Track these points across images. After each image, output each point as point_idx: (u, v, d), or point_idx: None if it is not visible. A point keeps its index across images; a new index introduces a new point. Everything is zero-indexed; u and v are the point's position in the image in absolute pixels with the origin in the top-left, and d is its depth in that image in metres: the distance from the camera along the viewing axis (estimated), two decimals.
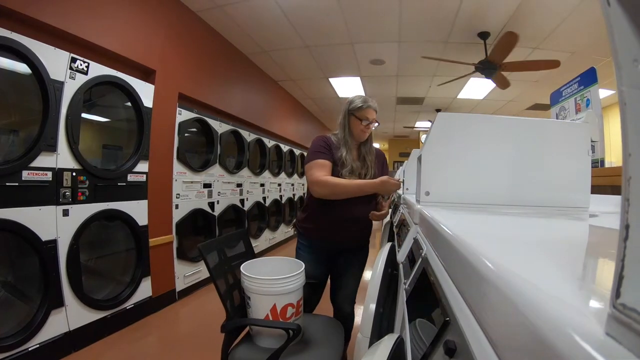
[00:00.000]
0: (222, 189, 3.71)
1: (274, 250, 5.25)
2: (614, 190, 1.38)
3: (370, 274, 1.23)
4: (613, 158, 3.23)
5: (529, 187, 1.06)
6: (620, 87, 0.19)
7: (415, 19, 3.36)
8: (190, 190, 3.21)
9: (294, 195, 6.20)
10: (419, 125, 8.69)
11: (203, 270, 3.31)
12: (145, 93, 2.59)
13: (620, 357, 0.17)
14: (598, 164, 2.01)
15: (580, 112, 2.36)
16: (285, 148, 5.75)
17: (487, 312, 0.33)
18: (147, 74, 2.75)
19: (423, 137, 7.53)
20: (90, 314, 2.15)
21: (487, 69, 3.79)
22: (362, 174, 1.66)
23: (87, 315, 2.13)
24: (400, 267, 1.03)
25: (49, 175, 1.92)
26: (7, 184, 1.72)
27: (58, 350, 1.95)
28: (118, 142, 2.62)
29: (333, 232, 1.64)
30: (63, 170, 1.99)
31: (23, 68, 1.80)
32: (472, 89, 5.44)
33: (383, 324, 1.14)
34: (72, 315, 2.03)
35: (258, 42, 4.00)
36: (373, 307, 1.09)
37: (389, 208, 1.92)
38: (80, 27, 2.15)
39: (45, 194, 1.91)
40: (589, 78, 2.32)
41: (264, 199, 4.86)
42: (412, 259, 0.88)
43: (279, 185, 5.48)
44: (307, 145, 6.97)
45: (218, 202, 3.63)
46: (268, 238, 5.06)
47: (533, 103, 6.04)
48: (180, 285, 3.08)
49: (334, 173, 1.59)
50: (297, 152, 6.30)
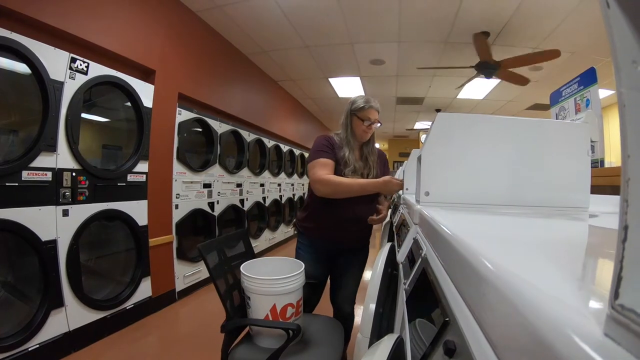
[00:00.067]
0: (221, 189, 3.71)
1: (274, 250, 5.25)
2: (614, 191, 1.38)
3: (370, 274, 1.23)
4: (613, 158, 3.22)
5: (529, 187, 1.06)
6: (620, 88, 0.19)
7: (415, 19, 3.36)
8: (190, 191, 3.21)
9: (294, 195, 6.20)
10: (419, 126, 8.69)
11: (203, 270, 3.31)
12: (145, 93, 2.59)
13: (619, 357, 0.17)
14: (598, 164, 2.01)
15: (580, 112, 2.36)
16: (285, 148, 5.75)
17: (486, 312, 0.33)
18: (147, 74, 2.75)
19: (423, 137, 7.54)
20: (90, 314, 2.15)
21: (487, 69, 3.79)
22: (364, 174, 1.66)
23: (87, 316, 2.13)
24: (400, 267, 1.03)
25: (49, 176, 1.92)
26: (7, 184, 1.72)
27: (58, 351, 1.95)
28: (118, 142, 2.62)
29: (334, 231, 1.64)
30: (63, 171, 1.99)
31: (23, 68, 1.80)
32: (472, 89, 5.43)
33: (383, 324, 1.14)
34: (72, 316, 2.03)
35: (258, 42, 4.00)
36: (373, 307, 1.09)
37: (389, 208, 1.92)
38: (80, 27, 2.15)
39: (45, 194, 1.91)
40: (589, 78, 2.32)
41: (264, 199, 4.86)
42: (412, 259, 0.88)
43: (279, 185, 5.48)
44: (307, 145, 7.00)
45: (218, 202, 3.63)
46: (268, 238, 5.06)
47: (533, 103, 6.04)
48: (180, 285, 3.08)
49: (337, 172, 1.59)
50: (296, 152, 6.30)
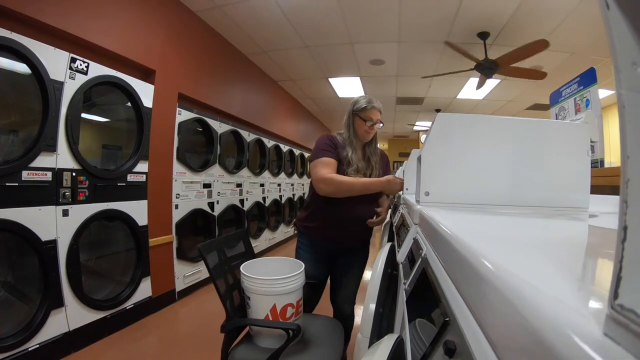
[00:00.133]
0: (221, 189, 3.71)
1: (274, 250, 5.25)
2: (614, 191, 1.38)
3: (370, 274, 1.23)
4: (613, 158, 3.22)
5: (529, 187, 1.06)
6: (619, 90, 0.19)
7: (415, 19, 3.36)
8: (190, 191, 3.21)
9: (294, 195, 6.20)
10: (419, 127, 8.69)
11: (203, 270, 3.31)
12: (145, 93, 2.59)
13: (619, 357, 0.17)
14: (598, 164, 2.01)
15: (580, 112, 2.35)
16: (285, 148, 5.75)
17: (486, 312, 0.33)
18: (146, 74, 2.75)
19: (423, 137, 7.54)
20: (90, 314, 2.15)
21: (486, 69, 3.79)
22: (367, 174, 1.66)
23: (86, 316, 2.13)
24: (400, 267, 1.03)
25: (49, 176, 1.92)
26: (7, 184, 1.72)
27: (58, 351, 1.95)
28: (118, 142, 2.62)
29: (335, 231, 1.64)
30: (63, 171, 1.99)
31: (23, 68, 1.80)
32: (471, 89, 5.43)
33: (383, 324, 1.14)
34: (72, 316, 2.03)
35: (258, 42, 4.00)
36: (373, 307, 1.10)
37: (389, 209, 1.92)
38: (80, 27, 2.15)
39: (45, 194, 1.91)
40: (589, 78, 2.32)
41: (264, 199, 4.86)
42: (411, 259, 0.88)
43: (279, 186, 5.48)
44: (306, 146, 7.00)
45: (218, 202, 3.63)
46: (268, 238, 5.06)
47: (532, 103, 6.04)
48: (180, 285, 3.08)
49: (339, 172, 1.59)
50: (296, 152, 6.30)
